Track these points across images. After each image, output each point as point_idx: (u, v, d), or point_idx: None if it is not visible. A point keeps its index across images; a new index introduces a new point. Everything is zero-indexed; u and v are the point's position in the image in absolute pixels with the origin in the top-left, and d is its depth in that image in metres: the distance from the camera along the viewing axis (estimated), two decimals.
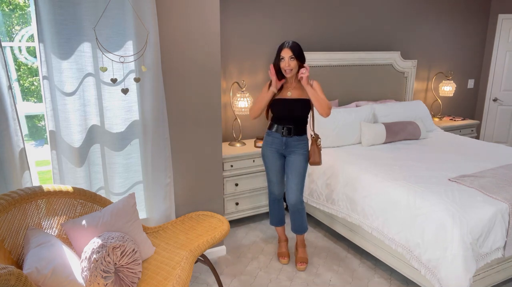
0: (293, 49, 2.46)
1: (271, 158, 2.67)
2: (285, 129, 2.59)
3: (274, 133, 2.63)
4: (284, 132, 2.59)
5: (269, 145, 2.67)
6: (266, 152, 2.68)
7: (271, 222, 2.91)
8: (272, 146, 2.65)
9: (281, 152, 2.66)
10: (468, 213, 2.19)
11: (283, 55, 2.46)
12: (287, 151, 2.63)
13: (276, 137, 2.62)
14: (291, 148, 2.62)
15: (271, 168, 2.70)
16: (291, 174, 2.63)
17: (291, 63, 2.46)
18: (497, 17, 5.02)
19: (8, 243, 1.73)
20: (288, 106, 2.56)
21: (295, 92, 2.59)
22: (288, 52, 2.45)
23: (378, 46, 4.32)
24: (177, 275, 1.86)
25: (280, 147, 2.63)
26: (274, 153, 2.66)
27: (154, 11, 2.23)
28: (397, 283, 2.61)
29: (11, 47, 2.79)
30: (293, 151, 2.62)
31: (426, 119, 4.08)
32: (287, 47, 2.46)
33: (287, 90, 2.60)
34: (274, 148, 2.65)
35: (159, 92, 2.36)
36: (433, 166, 2.89)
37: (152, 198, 2.52)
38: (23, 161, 2.09)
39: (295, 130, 2.59)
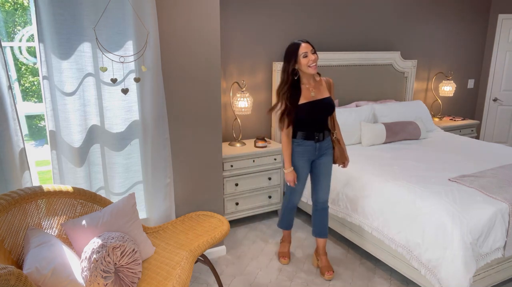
0: (310, 44, 2.34)
1: (303, 169, 2.53)
2: (319, 135, 2.46)
3: (306, 141, 2.46)
4: (318, 139, 2.46)
5: (301, 155, 2.49)
6: (298, 162, 2.50)
7: (282, 225, 2.84)
8: (304, 156, 2.49)
9: (312, 159, 2.53)
10: (468, 213, 2.19)
11: (304, 50, 2.30)
12: (319, 155, 2.52)
13: (309, 145, 2.46)
14: (322, 151, 2.52)
15: (301, 178, 2.55)
16: (323, 175, 2.55)
17: (314, 57, 2.32)
18: (497, 17, 5.02)
19: (8, 243, 1.73)
20: (317, 108, 2.40)
21: (317, 91, 2.44)
22: (308, 47, 2.32)
23: (378, 46, 4.32)
24: (177, 275, 1.86)
25: (313, 154, 2.50)
26: (305, 162, 2.51)
27: (154, 11, 2.23)
28: (397, 283, 2.60)
29: (11, 47, 2.79)
30: (324, 153, 2.53)
31: (426, 119, 4.08)
32: (305, 42, 2.33)
33: (308, 91, 2.41)
34: (307, 158, 2.50)
35: (159, 92, 2.36)
36: (433, 166, 2.89)
37: (152, 198, 2.52)
38: (23, 161, 2.09)
39: (325, 133, 2.50)
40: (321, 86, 2.45)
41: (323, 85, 2.47)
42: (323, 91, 2.45)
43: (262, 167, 3.37)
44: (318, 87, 2.44)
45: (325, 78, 2.51)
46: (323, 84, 2.48)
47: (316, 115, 2.42)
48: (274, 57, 3.69)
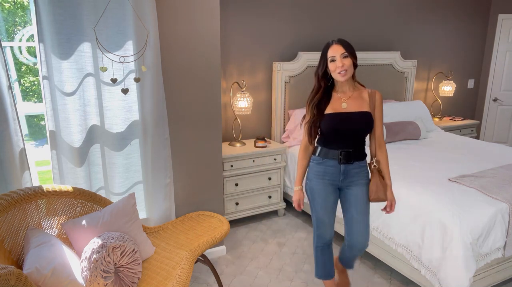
0: (344, 45, 1.93)
1: (323, 194, 2.07)
2: (343, 154, 1.99)
3: (328, 160, 2.02)
4: (342, 158, 1.99)
5: (320, 177, 2.05)
6: (317, 186, 2.07)
7: (318, 273, 2.25)
8: (325, 178, 2.05)
9: (336, 185, 2.06)
10: (468, 213, 2.19)
11: (332, 54, 1.92)
12: (346, 182, 2.04)
13: (331, 165, 2.02)
14: (351, 178, 2.03)
15: (324, 206, 2.09)
16: (355, 212, 2.06)
17: (345, 62, 1.90)
18: (497, 17, 5.02)
19: (8, 243, 1.73)
20: (346, 122, 1.97)
21: (353, 102, 1.99)
22: (339, 49, 1.91)
23: (378, 46, 4.32)
24: (177, 275, 1.86)
25: (337, 178, 2.03)
26: (327, 186, 2.06)
27: (154, 11, 2.23)
28: (397, 283, 2.60)
29: (11, 47, 2.79)
30: (354, 181, 2.04)
31: (426, 119, 4.08)
32: (336, 43, 1.93)
33: (340, 100, 2.00)
34: (328, 181, 2.05)
35: (159, 92, 2.36)
36: (433, 166, 2.89)
37: (152, 198, 2.52)
38: (23, 161, 2.09)
39: (355, 154, 2.01)
40: (361, 99, 2.01)
41: (363, 98, 2.01)
42: (361, 104, 2.00)
43: (262, 167, 3.37)
44: (356, 98, 2.01)
45: (371, 90, 2.04)
46: (365, 96, 2.02)
47: (343, 129, 1.97)
48: (274, 57, 3.69)
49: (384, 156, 2.05)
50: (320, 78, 2.01)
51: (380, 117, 2.03)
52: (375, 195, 2.04)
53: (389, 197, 2.06)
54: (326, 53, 1.95)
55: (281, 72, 3.61)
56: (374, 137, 2.06)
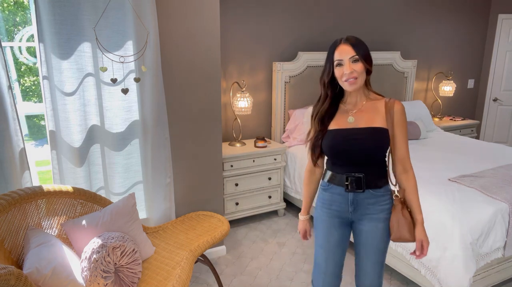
0: (355, 45, 1.52)
1: (326, 227, 1.69)
2: (351, 179, 1.59)
3: (335, 186, 1.65)
4: (350, 185, 1.60)
5: (326, 205, 1.69)
6: (321, 216, 1.70)
7: None
8: (331, 208, 1.67)
9: (345, 217, 1.66)
10: (468, 213, 2.19)
11: (339, 56, 1.52)
12: (357, 215, 1.64)
13: (337, 192, 1.64)
14: (363, 210, 1.63)
15: (323, 244, 1.70)
16: (365, 251, 1.67)
17: (355, 67, 1.51)
18: (497, 17, 5.02)
19: (8, 243, 1.73)
20: (350, 141, 1.57)
21: (362, 116, 1.60)
22: (348, 51, 1.51)
23: (378, 46, 4.32)
24: (177, 275, 1.86)
25: (345, 209, 1.64)
26: (333, 218, 1.67)
27: (154, 11, 2.23)
28: (397, 283, 2.60)
29: (11, 47, 2.79)
30: (368, 215, 1.63)
31: (426, 119, 4.08)
32: (344, 42, 1.53)
33: (346, 113, 1.62)
34: (335, 211, 1.66)
35: (159, 92, 2.36)
36: (433, 166, 2.89)
37: (152, 198, 2.52)
38: (23, 161, 2.09)
39: (368, 180, 1.59)
40: (375, 111, 1.60)
41: (378, 110, 1.59)
42: (373, 118, 1.58)
43: (262, 167, 3.37)
44: (368, 111, 1.60)
45: (389, 99, 1.61)
46: (380, 108, 1.59)
47: (346, 150, 1.58)
48: (274, 57, 3.69)
49: (411, 183, 1.60)
50: (327, 86, 1.61)
51: (402, 133, 1.59)
52: (396, 233, 1.60)
53: (418, 236, 1.60)
54: (332, 55, 1.55)
55: (281, 72, 3.61)
56: (397, 160, 1.62)
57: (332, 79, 1.59)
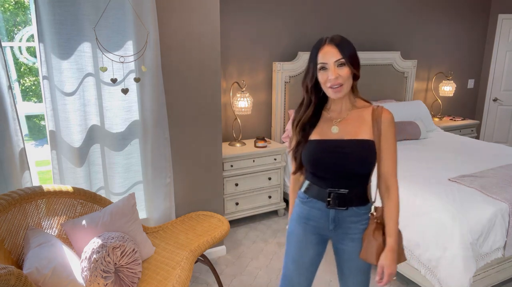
0: (341, 47, 1.36)
1: (301, 243, 1.55)
2: (333, 196, 1.44)
3: (315, 200, 1.50)
4: (332, 201, 1.45)
5: (303, 220, 1.54)
6: (296, 230, 1.56)
7: None
8: (308, 223, 1.53)
9: (324, 234, 1.54)
10: (468, 213, 2.19)
11: (324, 59, 1.36)
12: (338, 233, 1.51)
13: (317, 207, 1.49)
14: (345, 229, 1.49)
15: (297, 260, 1.57)
16: (350, 271, 1.55)
17: (340, 72, 1.35)
18: (497, 17, 5.02)
19: (8, 243, 1.73)
20: (333, 155, 1.42)
21: (347, 126, 1.45)
22: (333, 53, 1.35)
23: (378, 46, 4.32)
24: (177, 275, 1.86)
25: (325, 226, 1.50)
26: (310, 234, 1.54)
27: (154, 11, 2.23)
28: (397, 283, 2.60)
29: (11, 47, 2.79)
30: (350, 234, 1.49)
31: (426, 119, 4.08)
32: (329, 43, 1.37)
33: (330, 122, 1.47)
34: (312, 227, 1.52)
35: (159, 92, 2.36)
36: (433, 166, 2.88)
37: (152, 198, 2.52)
38: (23, 161, 2.09)
39: (352, 197, 1.45)
40: (361, 121, 1.44)
41: (364, 120, 1.44)
42: (359, 128, 1.43)
43: (262, 167, 3.37)
44: (354, 120, 1.45)
45: (377, 106, 1.46)
46: (367, 117, 1.44)
47: (327, 164, 1.43)
48: (274, 57, 3.69)
49: (392, 204, 1.46)
50: (310, 91, 1.45)
51: (390, 146, 1.42)
52: (363, 253, 1.46)
53: (381, 261, 1.43)
54: (316, 56, 1.39)
55: (281, 72, 3.61)
56: (381, 176, 1.46)
57: (316, 83, 1.43)
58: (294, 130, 1.51)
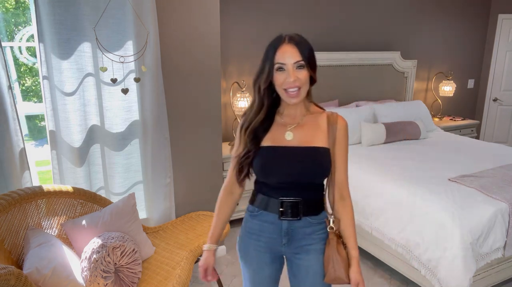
0: (301, 47, 1.29)
1: (256, 263, 1.42)
2: (286, 205, 1.34)
3: (266, 213, 1.37)
4: (285, 212, 1.34)
5: (254, 237, 1.41)
6: (247, 248, 1.43)
7: None
8: (259, 239, 1.39)
9: (277, 251, 1.40)
10: (468, 213, 2.19)
11: (282, 59, 1.26)
12: (292, 248, 1.38)
13: (269, 220, 1.37)
14: (299, 242, 1.37)
15: (256, 277, 1.45)
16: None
17: (299, 75, 1.25)
18: (497, 17, 5.02)
19: (8, 243, 1.73)
20: (286, 162, 1.32)
21: (302, 132, 1.35)
22: (293, 53, 1.26)
23: (378, 46, 4.32)
24: (177, 275, 1.86)
25: (277, 241, 1.38)
26: (263, 253, 1.41)
27: (154, 11, 2.24)
28: (397, 283, 2.60)
29: (11, 47, 2.79)
30: (305, 246, 1.37)
31: (426, 119, 4.07)
32: (289, 41, 1.30)
33: (283, 128, 1.36)
34: (264, 244, 1.39)
35: (159, 92, 2.36)
36: (433, 166, 2.88)
37: (152, 198, 2.52)
38: (23, 161, 2.09)
39: (306, 206, 1.35)
40: (316, 127, 1.36)
41: (319, 126, 1.36)
42: (314, 135, 1.35)
43: None
44: (308, 126, 1.36)
45: (332, 113, 1.39)
46: (322, 123, 1.36)
47: (285, 172, 1.32)
48: None
49: (348, 214, 1.38)
50: (263, 92, 1.32)
51: (343, 154, 1.36)
52: (331, 274, 1.33)
53: (354, 277, 1.33)
54: (273, 55, 1.28)
55: None
56: (333, 184, 1.38)
57: (270, 85, 1.30)
58: (243, 136, 1.36)
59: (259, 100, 1.34)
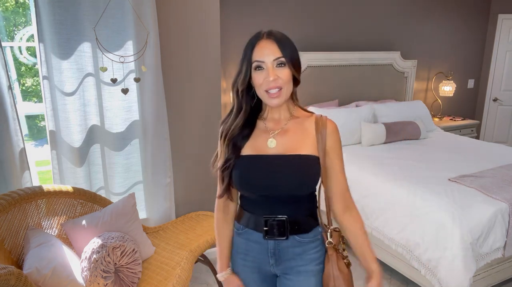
0: (281, 43, 1.14)
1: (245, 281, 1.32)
2: (270, 223, 1.20)
3: (251, 231, 1.26)
4: (270, 231, 1.21)
5: (241, 255, 1.30)
6: (235, 267, 1.34)
7: None
8: (246, 258, 1.29)
9: (266, 270, 1.29)
10: (468, 213, 2.19)
11: (260, 56, 1.14)
12: (281, 268, 1.26)
13: (254, 239, 1.25)
14: (288, 263, 1.25)
15: None
16: None
17: (280, 73, 1.13)
18: (497, 17, 5.01)
19: (8, 243, 1.73)
20: (274, 172, 1.17)
21: (286, 138, 1.21)
22: (272, 50, 1.13)
23: (378, 46, 4.32)
24: (177, 275, 1.86)
25: (264, 261, 1.26)
26: (251, 273, 1.30)
27: (154, 11, 2.24)
28: (397, 283, 2.60)
29: (11, 47, 2.79)
30: (294, 267, 1.25)
31: (426, 119, 4.07)
32: (268, 37, 1.16)
33: (266, 134, 1.23)
34: (251, 263, 1.29)
35: (159, 92, 2.36)
36: (433, 166, 2.88)
37: (152, 198, 2.52)
38: (23, 161, 2.09)
39: (293, 223, 1.21)
40: (302, 132, 1.22)
41: (307, 131, 1.22)
42: (302, 141, 1.20)
43: None
44: (293, 132, 1.22)
45: (321, 116, 1.24)
46: (309, 128, 1.22)
47: (268, 184, 1.17)
48: None
49: (358, 225, 1.25)
50: (241, 95, 1.20)
51: (339, 162, 1.23)
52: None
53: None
54: (251, 53, 1.15)
55: None
56: (334, 196, 1.25)
57: (249, 85, 1.18)
58: (222, 144, 1.25)
59: (237, 104, 1.22)
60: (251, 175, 1.19)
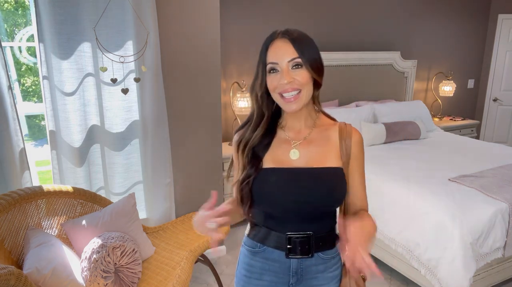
0: (297, 43, 1.03)
1: None
2: (294, 241, 1.10)
3: (269, 249, 1.14)
4: (293, 249, 1.11)
5: (255, 275, 1.17)
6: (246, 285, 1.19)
7: None
8: (262, 278, 1.16)
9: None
10: (468, 213, 2.19)
11: (274, 57, 1.05)
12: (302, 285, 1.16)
13: (273, 258, 1.14)
14: (309, 282, 1.15)
15: None
16: None
17: (296, 75, 1.03)
18: (497, 17, 5.01)
19: (8, 243, 1.73)
20: (298, 188, 1.08)
21: (310, 149, 1.12)
22: (287, 50, 1.03)
23: (378, 46, 4.32)
24: (177, 275, 1.86)
25: (284, 281, 1.15)
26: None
27: (154, 11, 2.24)
28: (397, 283, 2.60)
29: (11, 47, 2.79)
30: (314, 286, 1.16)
31: (426, 119, 4.07)
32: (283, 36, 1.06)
33: (287, 144, 1.13)
34: (267, 283, 1.16)
35: (159, 92, 2.36)
36: (433, 166, 2.88)
37: (152, 198, 2.52)
38: (23, 161, 2.09)
39: (318, 241, 1.12)
40: (326, 142, 1.13)
41: (331, 140, 1.13)
42: (327, 152, 1.12)
43: None
44: (318, 142, 1.13)
45: (346, 125, 1.16)
46: (333, 137, 1.13)
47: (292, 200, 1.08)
48: None
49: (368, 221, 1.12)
50: (261, 100, 1.10)
51: (362, 173, 1.15)
52: None
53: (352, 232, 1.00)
54: (265, 55, 1.09)
55: None
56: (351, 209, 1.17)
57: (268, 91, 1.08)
58: (241, 156, 1.16)
59: (258, 111, 1.11)
60: (273, 190, 1.08)
